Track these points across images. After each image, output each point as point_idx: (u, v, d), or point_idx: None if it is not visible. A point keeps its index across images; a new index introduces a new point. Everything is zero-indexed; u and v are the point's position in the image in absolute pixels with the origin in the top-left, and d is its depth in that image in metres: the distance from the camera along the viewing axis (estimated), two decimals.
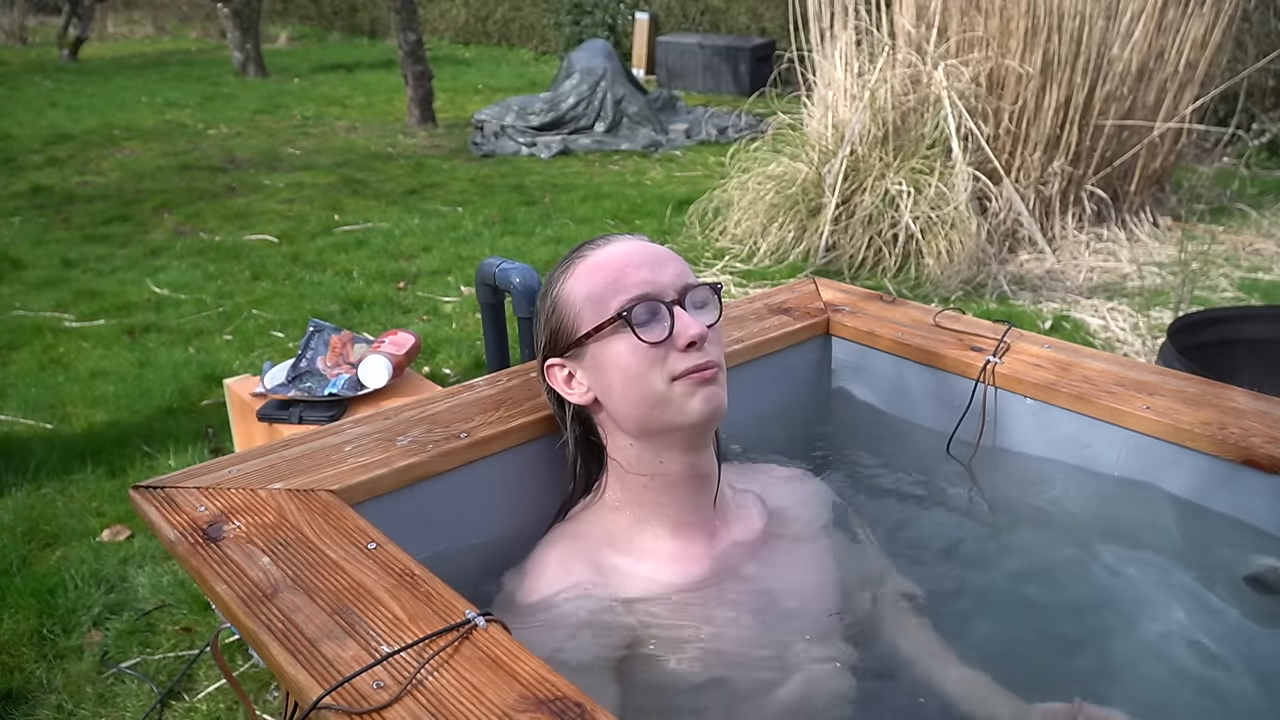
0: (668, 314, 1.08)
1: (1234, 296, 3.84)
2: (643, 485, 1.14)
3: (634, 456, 1.14)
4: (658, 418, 1.09)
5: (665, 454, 1.13)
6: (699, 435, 1.12)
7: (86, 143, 6.91)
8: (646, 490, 1.15)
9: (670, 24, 10.61)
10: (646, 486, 1.14)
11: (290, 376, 2.02)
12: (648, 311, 1.08)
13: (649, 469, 1.14)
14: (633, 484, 1.15)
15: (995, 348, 1.46)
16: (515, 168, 6.23)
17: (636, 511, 1.15)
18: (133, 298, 3.88)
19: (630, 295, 1.08)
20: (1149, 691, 1.14)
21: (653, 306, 1.09)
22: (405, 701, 0.79)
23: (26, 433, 2.78)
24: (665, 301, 1.09)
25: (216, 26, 13.26)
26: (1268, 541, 1.22)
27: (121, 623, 1.99)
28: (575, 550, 1.13)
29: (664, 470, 1.13)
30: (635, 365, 1.08)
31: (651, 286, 1.09)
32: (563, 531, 1.17)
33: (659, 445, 1.12)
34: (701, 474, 1.15)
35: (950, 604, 1.28)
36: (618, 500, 1.17)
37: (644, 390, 1.08)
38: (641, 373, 1.08)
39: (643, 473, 1.14)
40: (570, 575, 1.10)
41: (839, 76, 4.34)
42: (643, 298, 1.08)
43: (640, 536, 1.15)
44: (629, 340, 1.08)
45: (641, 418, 1.10)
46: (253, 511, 1.06)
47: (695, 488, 1.15)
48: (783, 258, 4.23)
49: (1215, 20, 4.45)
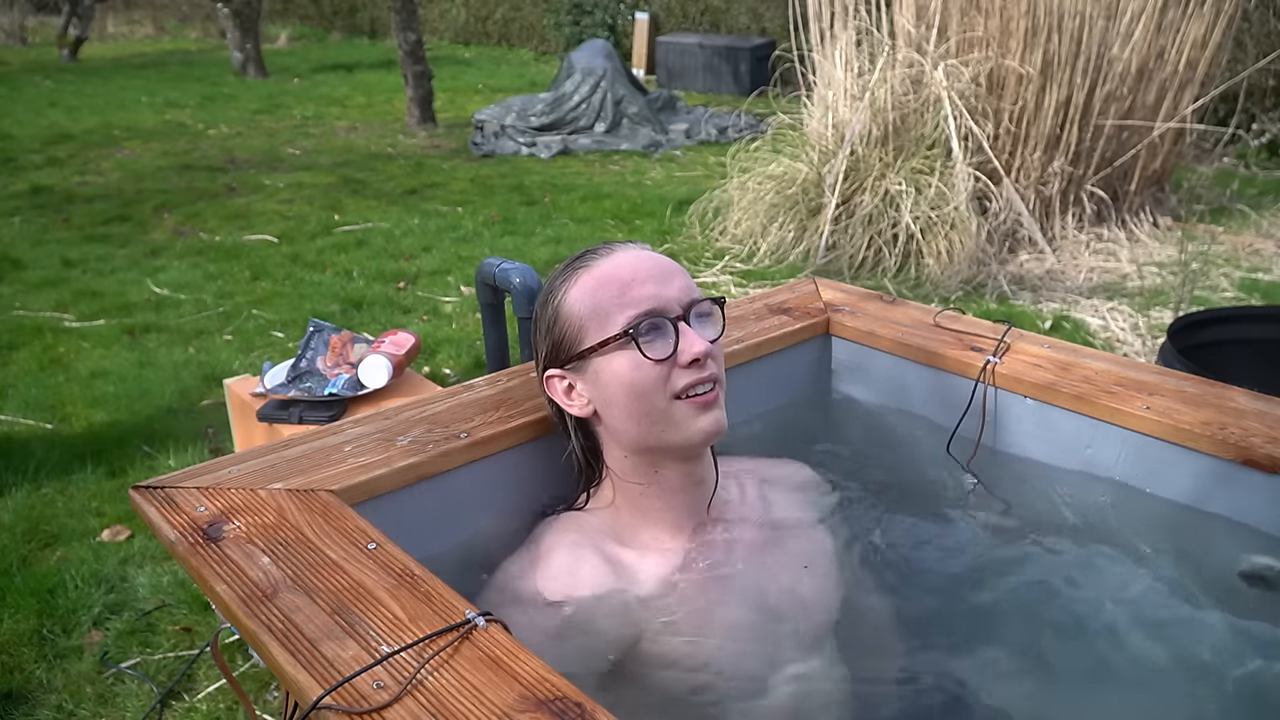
0: (673, 330, 1.08)
1: (1234, 296, 3.84)
2: (639, 492, 1.15)
3: (629, 467, 1.14)
4: (657, 435, 1.09)
5: (661, 464, 1.13)
6: (694, 450, 1.12)
7: (86, 143, 6.91)
8: (644, 496, 1.15)
9: (670, 24, 10.61)
10: (642, 494, 1.15)
11: (290, 376, 2.02)
12: (653, 328, 1.07)
13: (645, 478, 1.14)
14: (629, 490, 1.16)
15: (995, 348, 1.46)
16: (515, 168, 6.23)
17: (635, 514, 1.16)
18: (133, 298, 3.88)
19: (637, 311, 1.07)
20: (1147, 690, 1.14)
21: (658, 322, 1.07)
22: (405, 701, 0.79)
23: (26, 433, 2.78)
24: (671, 318, 1.08)
25: (216, 26, 13.26)
26: (1267, 541, 1.22)
27: (121, 623, 1.99)
28: (583, 542, 1.13)
29: (659, 479, 1.14)
30: (638, 382, 1.07)
31: (658, 302, 1.08)
32: (566, 525, 1.17)
33: (655, 458, 1.13)
34: (698, 480, 1.16)
35: (949, 604, 1.28)
36: (617, 502, 1.17)
37: (646, 407, 1.08)
38: (644, 391, 1.07)
39: (638, 481, 1.14)
40: (583, 566, 1.10)
41: (839, 76, 4.34)
42: (649, 314, 1.07)
43: (639, 536, 1.15)
44: (633, 356, 1.07)
45: (641, 434, 1.10)
46: (253, 511, 1.06)
47: (691, 493, 1.16)
48: (783, 258, 4.23)
49: (1215, 20, 4.45)
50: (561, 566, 1.10)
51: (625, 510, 1.16)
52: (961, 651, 1.21)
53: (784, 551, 1.21)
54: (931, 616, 1.26)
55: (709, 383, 1.09)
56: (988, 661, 1.19)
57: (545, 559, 1.11)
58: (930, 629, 1.25)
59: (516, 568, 1.13)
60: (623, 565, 1.11)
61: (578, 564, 1.10)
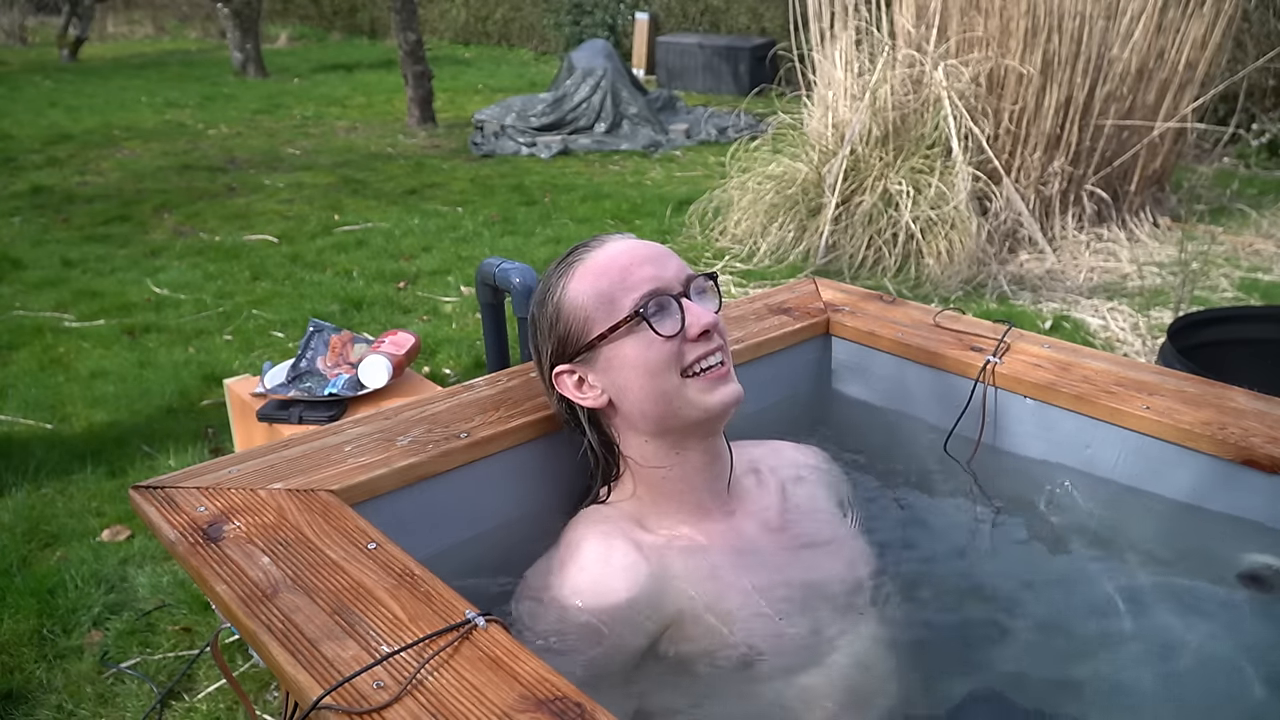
0: (678, 306, 1.10)
1: (1234, 296, 3.84)
2: (661, 477, 1.16)
3: (650, 452, 1.15)
4: (676, 413, 1.11)
5: (682, 444, 1.14)
6: (716, 423, 1.14)
7: (86, 143, 6.91)
8: (665, 481, 1.16)
9: (670, 24, 10.61)
10: (665, 478, 1.16)
11: (290, 376, 2.02)
12: (659, 307, 1.10)
13: (665, 461, 1.15)
14: (650, 476, 1.16)
15: (995, 348, 1.46)
16: (515, 168, 6.23)
17: (658, 500, 1.17)
18: (133, 298, 3.88)
19: (642, 292, 1.09)
20: (1147, 690, 1.14)
21: (663, 301, 1.10)
22: (405, 701, 0.79)
23: (26, 433, 2.78)
24: (674, 294, 1.10)
25: (216, 26, 13.27)
26: (1267, 541, 1.22)
27: (121, 623, 1.99)
28: (611, 531, 1.13)
29: (681, 460, 1.15)
30: (651, 361, 1.09)
31: (659, 282, 1.10)
32: (591, 518, 1.17)
33: (676, 438, 1.14)
34: (717, 457, 1.17)
35: (949, 603, 1.28)
36: (638, 491, 1.18)
37: (662, 386, 1.09)
38: (657, 369, 1.09)
39: (660, 465, 1.15)
40: (614, 555, 1.10)
41: (839, 76, 4.34)
42: (654, 293, 1.10)
43: (665, 521, 1.16)
44: (644, 337, 1.09)
45: (660, 415, 1.11)
46: (253, 511, 1.06)
47: (712, 473, 1.17)
48: (783, 258, 4.23)
49: (1215, 20, 4.45)
50: (593, 556, 1.10)
51: (648, 498, 1.17)
52: (960, 649, 1.21)
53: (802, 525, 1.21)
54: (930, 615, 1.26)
55: (718, 353, 1.11)
56: (985, 658, 1.19)
57: (575, 552, 1.11)
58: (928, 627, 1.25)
59: (546, 565, 1.13)
60: (654, 549, 1.12)
61: (609, 552, 1.10)
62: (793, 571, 1.16)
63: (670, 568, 1.10)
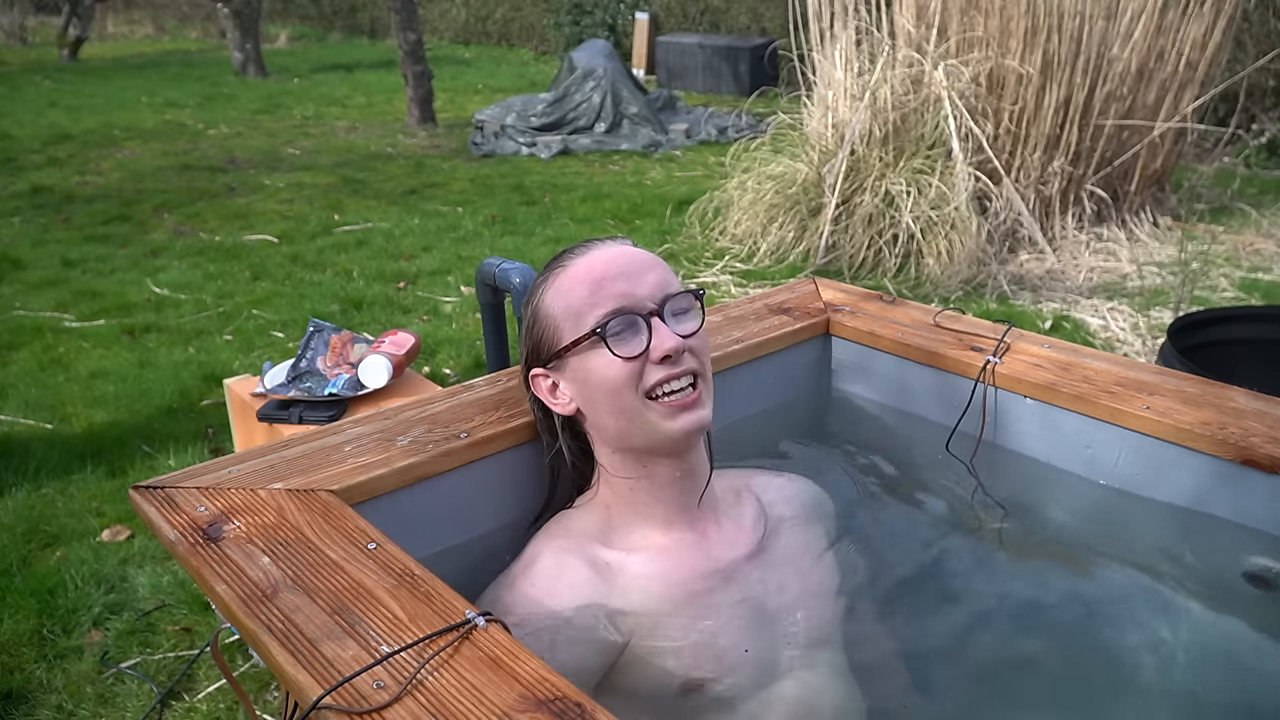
0: (645, 326, 1.07)
1: (1234, 296, 3.84)
2: (629, 487, 1.14)
3: (618, 463, 1.14)
4: (636, 433, 1.09)
5: (650, 460, 1.12)
6: (678, 447, 1.11)
7: (86, 143, 6.91)
8: (634, 492, 1.14)
9: (670, 24, 10.61)
10: (633, 489, 1.14)
11: (290, 376, 2.02)
12: (624, 325, 1.07)
13: (634, 472, 1.14)
14: (620, 486, 1.15)
15: (995, 348, 1.46)
16: (515, 168, 6.23)
17: (625, 511, 1.15)
18: (133, 298, 3.88)
19: (606, 309, 1.07)
20: (1147, 690, 1.14)
21: (629, 319, 1.07)
22: (405, 701, 0.79)
23: (26, 433, 2.78)
24: (642, 314, 1.07)
25: (216, 26, 13.27)
26: (1268, 541, 1.22)
27: (121, 623, 1.99)
28: (568, 547, 1.12)
29: (649, 473, 1.13)
30: (611, 380, 1.07)
31: (627, 299, 1.07)
32: (553, 529, 1.17)
33: (642, 454, 1.12)
34: (689, 473, 1.15)
35: (949, 604, 1.28)
36: (607, 499, 1.16)
37: (621, 405, 1.08)
38: (618, 388, 1.07)
39: (628, 475, 1.14)
40: (566, 572, 1.09)
41: (839, 76, 4.34)
42: (618, 311, 1.07)
43: (631, 535, 1.14)
44: (606, 355, 1.07)
45: (621, 431, 1.10)
46: (253, 511, 1.06)
47: (683, 488, 1.15)
48: (783, 258, 4.23)
49: (1215, 20, 4.45)
50: (545, 573, 1.09)
51: (616, 507, 1.16)
52: (960, 649, 1.21)
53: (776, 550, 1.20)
54: (931, 616, 1.26)
55: (685, 377, 1.08)
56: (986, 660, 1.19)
57: (529, 565, 1.11)
58: (929, 628, 1.25)
59: (507, 577, 1.12)
60: (609, 568, 1.10)
61: (561, 569, 1.09)
62: (754, 596, 1.14)
63: (622, 589, 1.09)
